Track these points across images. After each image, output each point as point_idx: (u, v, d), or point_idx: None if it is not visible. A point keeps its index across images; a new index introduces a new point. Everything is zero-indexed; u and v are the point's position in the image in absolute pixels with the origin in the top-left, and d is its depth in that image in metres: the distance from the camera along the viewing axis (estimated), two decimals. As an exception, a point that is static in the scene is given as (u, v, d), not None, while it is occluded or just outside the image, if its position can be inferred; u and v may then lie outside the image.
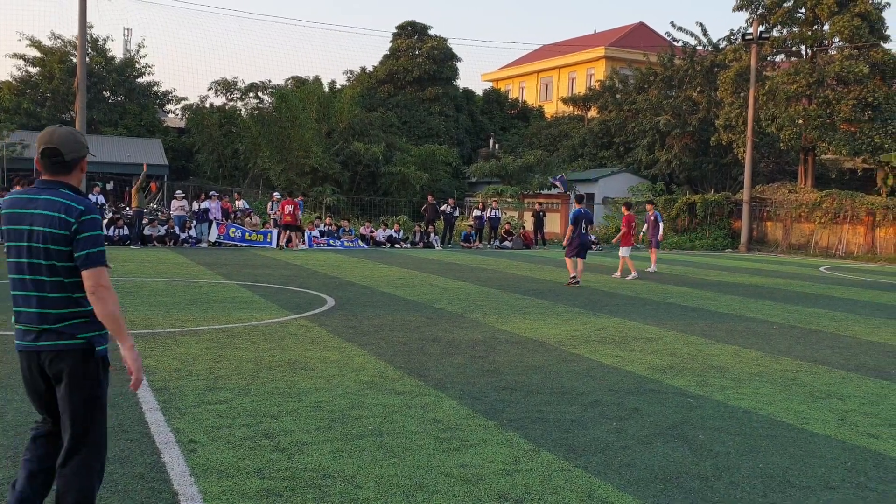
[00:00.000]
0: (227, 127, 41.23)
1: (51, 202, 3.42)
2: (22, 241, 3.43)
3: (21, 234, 3.43)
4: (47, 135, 3.50)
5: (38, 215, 3.41)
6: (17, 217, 3.45)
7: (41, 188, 3.49)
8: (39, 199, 3.45)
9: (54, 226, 3.39)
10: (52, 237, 3.39)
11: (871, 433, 5.87)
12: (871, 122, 33.73)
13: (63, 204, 3.42)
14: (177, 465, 4.67)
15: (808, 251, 32.75)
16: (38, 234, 3.39)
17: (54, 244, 3.39)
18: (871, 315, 12.94)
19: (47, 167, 3.50)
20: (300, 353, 8.12)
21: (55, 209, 3.41)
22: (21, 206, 3.46)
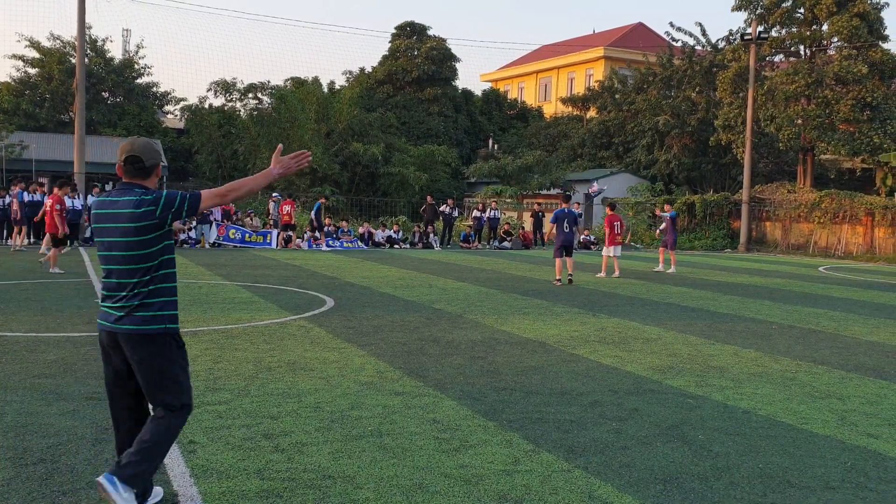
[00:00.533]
0: (227, 128, 41.20)
1: (128, 202, 3.89)
2: (107, 237, 3.95)
3: (105, 230, 3.95)
4: (129, 144, 4.00)
5: (118, 214, 3.90)
6: (101, 216, 3.96)
7: (123, 190, 3.96)
8: (121, 200, 3.92)
9: (135, 219, 3.88)
10: (135, 230, 3.88)
11: (870, 433, 5.88)
12: (870, 122, 33.77)
13: (137, 202, 3.89)
14: (176, 465, 4.67)
15: (807, 251, 32.77)
16: (120, 231, 3.90)
17: (137, 234, 3.89)
18: (871, 315, 12.95)
19: (129, 172, 3.98)
20: (300, 353, 8.12)
21: (135, 207, 3.88)
22: (107, 206, 3.96)
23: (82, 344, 8.27)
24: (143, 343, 3.89)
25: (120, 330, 3.91)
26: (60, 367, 7.15)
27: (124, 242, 3.88)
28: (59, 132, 40.42)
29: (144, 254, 3.89)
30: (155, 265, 3.93)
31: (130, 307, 3.89)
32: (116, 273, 3.93)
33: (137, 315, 3.89)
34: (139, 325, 3.88)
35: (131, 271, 3.90)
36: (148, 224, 3.86)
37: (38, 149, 35.29)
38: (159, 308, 3.93)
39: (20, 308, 10.67)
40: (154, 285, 3.92)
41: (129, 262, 3.89)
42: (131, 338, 3.89)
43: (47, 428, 5.32)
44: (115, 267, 3.93)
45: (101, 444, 5.03)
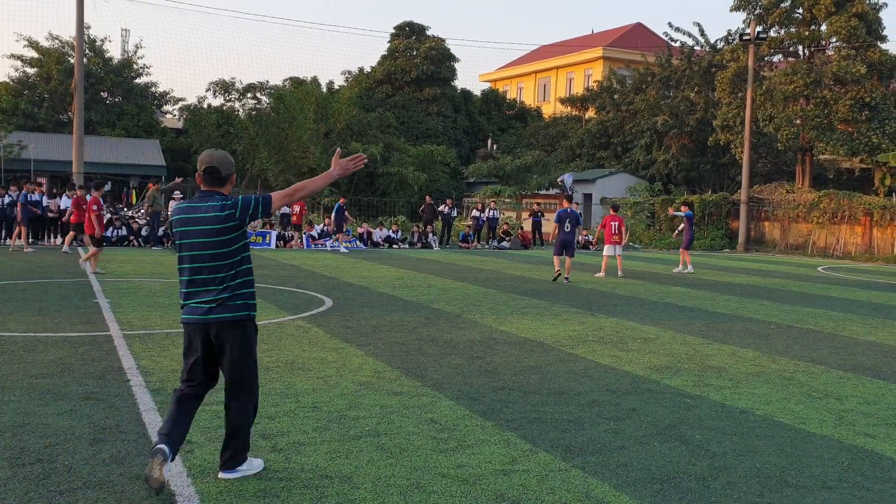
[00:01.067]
0: (225, 127, 41.22)
1: (209, 207, 4.41)
2: (192, 238, 4.41)
3: (190, 233, 4.41)
4: (207, 156, 4.52)
5: (202, 218, 4.39)
6: (185, 221, 4.43)
7: (203, 197, 4.48)
8: (204, 205, 4.42)
9: (218, 221, 4.39)
10: (219, 231, 4.39)
11: (868, 433, 5.88)
12: (869, 123, 33.79)
13: (221, 206, 4.41)
14: (174, 465, 4.66)
15: (805, 251, 32.78)
16: (206, 233, 4.39)
17: (220, 234, 4.39)
18: (869, 315, 12.96)
19: (207, 181, 4.50)
20: (298, 353, 8.12)
21: (220, 210, 4.39)
22: (191, 212, 4.43)
23: (80, 344, 8.27)
24: (234, 328, 4.44)
25: (212, 320, 4.41)
26: (58, 367, 7.15)
27: (212, 242, 4.39)
28: (58, 132, 40.42)
29: (229, 251, 4.42)
30: (238, 261, 4.47)
31: (222, 299, 4.41)
32: (206, 270, 4.42)
33: (228, 305, 4.42)
34: (230, 313, 4.42)
35: (219, 267, 4.41)
36: (231, 225, 4.39)
37: (37, 149, 35.30)
38: (245, 298, 4.49)
39: (18, 308, 10.66)
40: (239, 278, 4.48)
41: (217, 260, 4.41)
42: (224, 325, 4.42)
43: (45, 428, 5.32)
44: (203, 265, 4.42)
45: (98, 444, 5.02)
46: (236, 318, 4.44)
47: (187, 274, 4.47)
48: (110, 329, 9.26)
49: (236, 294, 4.45)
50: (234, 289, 4.45)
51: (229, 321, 4.43)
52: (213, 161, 4.49)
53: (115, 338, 8.71)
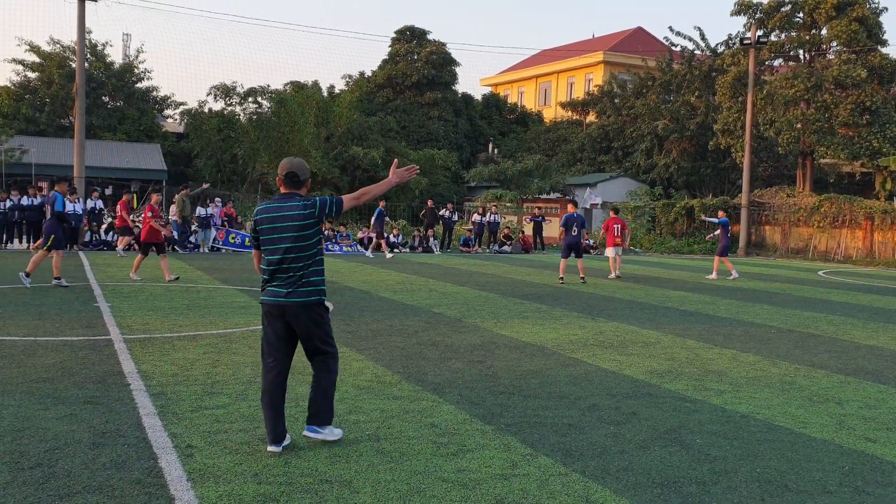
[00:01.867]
0: (226, 132, 41.20)
1: (292, 206, 5.14)
2: (278, 234, 5.12)
3: (276, 229, 5.12)
4: (287, 163, 5.25)
5: (287, 216, 5.12)
6: (271, 219, 5.15)
7: (285, 198, 5.20)
8: (287, 205, 5.15)
9: (300, 219, 5.12)
10: (301, 227, 5.11)
11: (868, 437, 5.87)
12: (870, 127, 33.78)
13: (302, 206, 5.14)
14: (174, 470, 4.67)
15: (806, 255, 32.76)
16: (290, 228, 5.11)
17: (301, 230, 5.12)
18: (870, 319, 12.95)
19: (288, 184, 5.23)
20: (298, 358, 8.05)
21: (302, 209, 5.12)
22: (275, 211, 5.16)
23: (80, 348, 8.27)
24: (307, 309, 5.14)
25: (288, 302, 5.11)
26: (58, 371, 7.15)
27: (293, 237, 5.09)
28: (59, 136, 40.45)
29: (307, 244, 5.13)
30: (314, 252, 5.17)
31: (297, 284, 5.11)
32: (288, 261, 5.11)
33: (301, 290, 5.11)
34: (303, 297, 5.12)
35: (298, 258, 5.12)
36: (311, 222, 5.12)
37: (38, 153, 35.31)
38: (316, 284, 5.17)
39: (18, 312, 10.67)
40: (313, 267, 5.17)
41: (296, 252, 5.11)
42: (298, 307, 5.11)
43: (44, 432, 5.32)
44: (284, 256, 5.11)
45: (98, 448, 5.02)
46: (308, 302, 5.13)
47: (270, 263, 5.16)
48: (110, 333, 9.26)
49: (308, 281, 5.13)
50: (308, 276, 5.14)
51: (302, 304, 5.12)
52: (292, 167, 5.22)
53: (116, 342, 8.71)
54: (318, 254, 5.21)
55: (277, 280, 5.15)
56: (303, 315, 5.14)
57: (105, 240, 24.67)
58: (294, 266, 5.12)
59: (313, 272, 5.17)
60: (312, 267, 5.17)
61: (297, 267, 5.13)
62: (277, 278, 5.16)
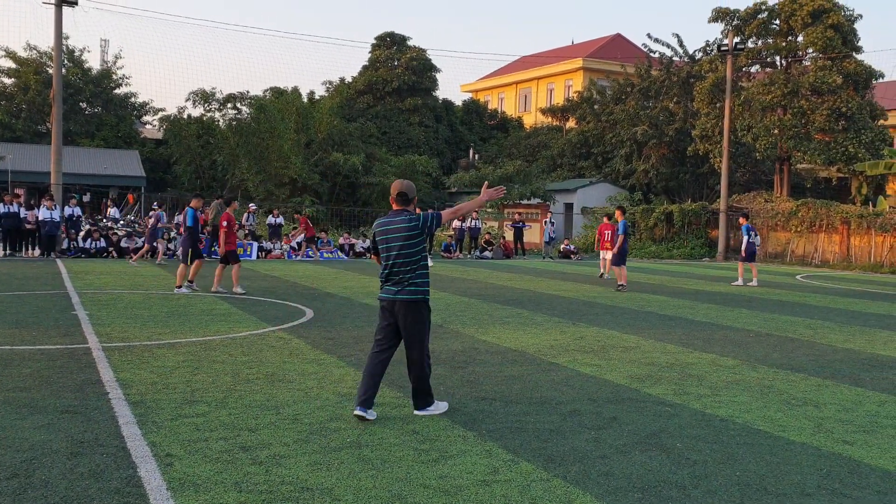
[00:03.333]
0: (205, 138, 41.01)
1: (401, 220, 6.13)
2: (390, 244, 6.14)
3: (388, 240, 6.14)
4: (399, 184, 6.27)
5: (397, 228, 6.12)
6: (385, 231, 6.17)
7: (396, 213, 6.20)
8: (397, 219, 6.16)
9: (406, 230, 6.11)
10: (407, 238, 6.10)
11: (846, 440, 5.93)
12: (845, 132, 34.20)
13: (408, 219, 6.13)
14: (153, 479, 4.63)
15: (784, 259, 33.07)
16: (398, 238, 6.11)
17: (407, 240, 6.11)
18: (847, 323, 13.09)
19: (399, 202, 6.23)
20: (278, 365, 8.08)
21: (408, 223, 6.11)
22: (388, 225, 6.17)
23: (58, 357, 8.18)
24: (411, 306, 6.10)
25: (398, 299, 6.11)
26: (35, 380, 7.07)
27: (401, 246, 6.09)
28: (36, 143, 40.07)
29: (413, 251, 6.11)
30: (418, 258, 6.14)
31: (404, 284, 6.09)
32: (397, 265, 6.11)
33: (408, 289, 6.10)
34: (409, 295, 6.10)
35: (405, 263, 6.10)
36: (415, 234, 6.10)
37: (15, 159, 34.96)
38: (420, 285, 6.14)
39: (-5, 321, 10.53)
40: (418, 271, 6.14)
41: (404, 258, 6.10)
42: (404, 303, 6.09)
43: (21, 442, 5.25)
44: (395, 262, 6.11)
45: (76, 457, 4.97)
46: (412, 300, 6.10)
47: (385, 268, 6.20)
48: (89, 341, 9.18)
49: (413, 282, 6.10)
50: (413, 278, 6.10)
51: (407, 301, 6.09)
52: (403, 188, 6.24)
53: (94, 350, 8.63)
54: (422, 260, 6.17)
55: (390, 281, 6.16)
56: (406, 311, 6.09)
57: (83, 247, 24.44)
58: (402, 270, 6.10)
59: (418, 276, 6.13)
60: (417, 271, 6.13)
61: (405, 271, 6.10)
62: (390, 280, 6.16)
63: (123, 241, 25.06)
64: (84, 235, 24.97)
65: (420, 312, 6.14)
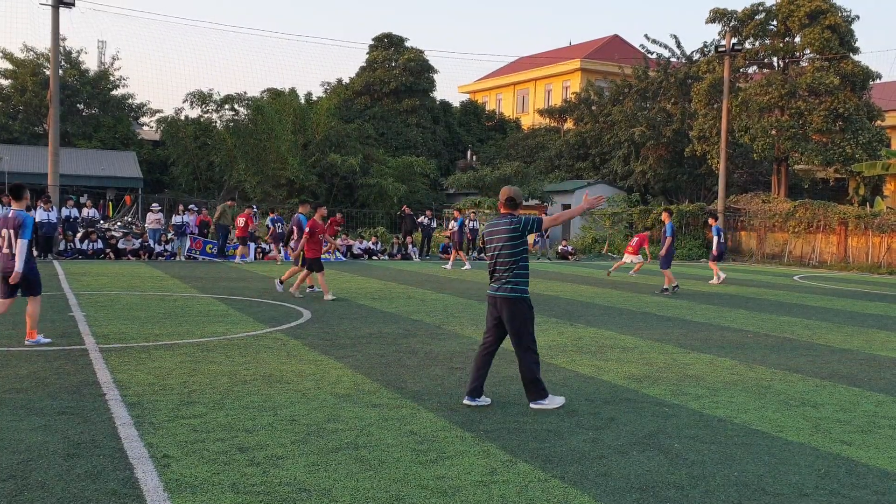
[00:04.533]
0: (203, 139, 40.98)
1: (505, 223, 6.64)
2: (494, 244, 6.68)
3: (493, 240, 6.69)
4: (508, 190, 6.79)
5: (502, 230, 6.63)
6: (492, 232, 6.72)
7: (502, 216, 6.73)
8: (502, 221, 6.68)
9: (508, 232, 6.62)
10: (508, 238, 6.60)
11: (843, 440, 5.93)
12: (843, 133, 34.24)
13: (510, 221, 6.62)
14: (150, 480, 4.62)
15: (781, 260, 33.09)
16: (501, 239, 6.63)
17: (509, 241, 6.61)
18: (844, 323, 13.09)
19: (507, 206, 6.73)
20: (276, 366, 8.07)
21: (509, 224, 6.60)
22: (496, 226, 6.69)
23: (55, 358, 8.16)
24: (510, 302, 6.56)
25: (498, 295, 6.61)
26: (32, 381, 7.05)
27: (503, 245, 6.61)
28: (33, 144, 40.03)
29: (514, 252, 6.59)
30: (519, 259, 6.61)
31: (504, 281, 6.58)
32: (499, 264, 6.62)
33: (506, 286, 6.57)
34: (508, 292, 6.57)
35: (506, 262, 6.60)
36: (517, 235, 6.59)
37: (12, 161, 34.92)
38: (518, 283, 6.59)
39: (-8, 322, 10.50)
40: (517, 270, 6.59)
41: (507, 257, 6.59)
42: (505, 300, 6.57)
43: (17, 444, 5.24)
44: (497, 260, 6.63)
45: (73, 458, 4.96)
46: (511, 297, 6.55)
47: (490, 266, 6.75)
48: (86, 343, 9.16)
49: (512, 280, 6.55)
50: (513, 277, 6.57)
51: (507, 297, 6.55)
52: (511, 193, 6.75)
53: (91, 351, 8.62)
54: (522, 260, 6.61)
55: (492, 278, 6.69)
56: (506, 307, 6.53)
57: (80, 248, 24.40)
58: (502, 268, 6.59)
59: (517, 274, 6.57)
60: (516, 270, 6.57)
61: (505, 269, 6.58)
62: (492, 277, 6.70)
63: (121, 242, 25.03)
64: (81, 237, 24.92)
65: (519, 308, 6.54)
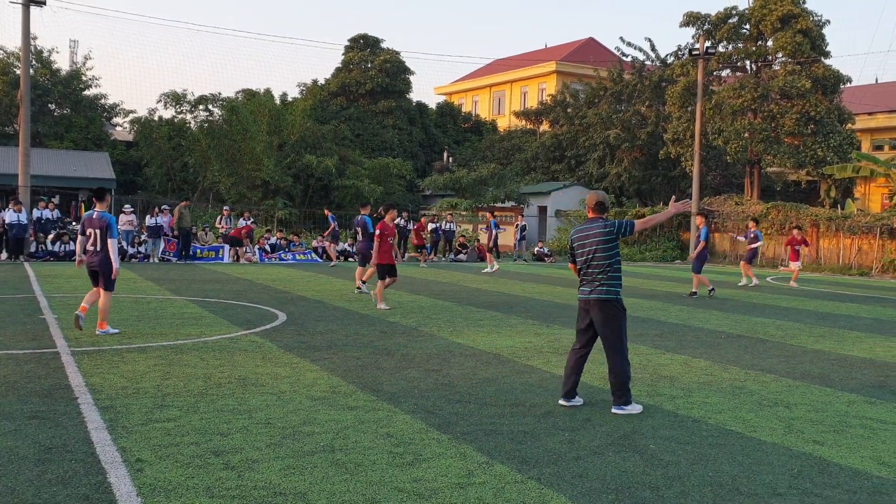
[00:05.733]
0: (177, 140, 40.60)
1: (597, 226, 6.68)
2: (586, 248, 6.70)
3: (585, 245, 6.71)
4: (596, 195, 6.86)
5: (594, 233, 6.66)
6: (582, 236, 6.74)
7: (591, 220, 6.78)
8: (593, 226, 6.71)
9: (602, 235, 6.65)
10: (602, 241, 6.63)
11: (816, 440, 6.00)
12: (814, 136, 34.70)
13: (603, 225, 6.67)
14: (123, 485, 4.56)
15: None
16: (594, 243, 6.66)
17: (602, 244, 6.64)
18: (816, 324, 13.25)
19: (596, 210, 6.79)
20: (251, 369, 8.01)
21: (603, 228, 6.64)
22: (585, 230, 6.74)
23: (26, 361, 8.04)
24: (603, 304, 6.57)
25: (591, 298, 6.63)
26: (2, 385, 6.94)
27: (596, 249, 6.63)
28: (3, 145, 39.43)
29: (607, 254, 6.61)
30: (612, 262, 6.63)
31: (597, 284, 6.61)
32: (592, 267, 6.63)
33: (600, 289, 6.59)
34: (601, 294, 6.59)
35: (599, 265, 6.61)
36: (609, 238, 6.61)
37: (-19, 161, 34.37)
38: (612, 285, 6.61)
39: (-40, 325, 10.33)
40: (610, 272, 6.61)
41: (602, 260, 6.61)
42: (597, 302, 6.59)
43: (-13, 449, 5.15)
44: (591, 263, 6.64)
45: (44, 464, 4.88)
46: (605, 299, 6.55)
47: (581, 270, 6.75)
48: (57, 345, 9.04)
49: (607, 283, 6.57)
50: (606, 279, 6.58)
51: (600, 300, 6.56)
52: (599, 198, 6.84)
53: (63, 354, 8.50)
54: (615, 263, 6.63)
55: (584, 282, 6.70)
56: (598, 309, 6.55)
57: (52, 250, 24.08)
58: (595, 271, 6.60)
59: (610, 277, 6.59)
60: (610, 273, 6.59)
61: (598, 272, 6.59)
62: (584, 280, 6.70)
63: (93, 244, 24.71)
64: (53, 238, 24.60)
65: (613, 310, 6.57)
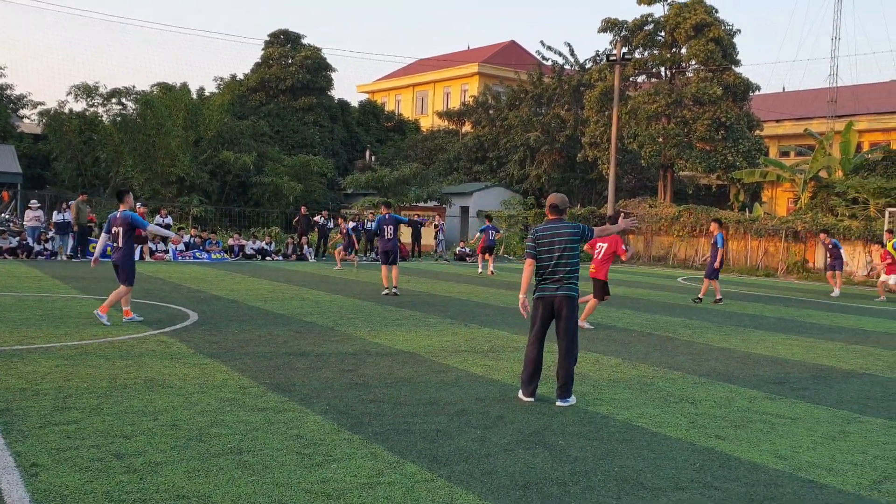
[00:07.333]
0: (88, 134, 39.18)
1: (564, 227, 7.05)
2: (555, 247, 7.00)
3: (553, 244, 7.00)
4: (554, 197, 7.20)
5: (562, 234, 7.01)
6: (550, 235, 7.03)
7: (554, 221, 7.12)
8: (560, 226, 7.06)
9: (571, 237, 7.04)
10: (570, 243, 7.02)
11: (718, 435, 6.19)
12: (724, 141, 35.92)
13: (573, 228, 7.07)
14: (15, 491, 4.36)
15: (667, 263, 34.39)
16: (563, 243, 7.00)
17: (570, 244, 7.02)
18: (723, 323, 13.71)
19: (554, 213, 7.15)
20: (158, 370, 7.79)
21: (573, 230, 7.05)
22: (551, 230, 7.04)
23: (-85, 363, 7.62)
24: (570, 300, 6.95)
25: (559, 294, 6.96)
26: None
27: (564, 248, 6.97)
28: None
29: (573, 254, 7.01)
30: (576, 262, 7.04)
31: (566, 282, 6.97)
32: (560, 266, 6.95)
33: (566, 286, 6.96)
34: (568, 291, 6.96)
35: (567, 264, 6.98)
36: (576, 240, 7.01)
37: None
38: (575, 283, 7.02)
39: None
40: (575, 271, 7.03)
41: (567, 260, 6.98)
42: (565, 298, 6.94)
43: None
44: (559, 262, 6.96)
45: (-71, 471, 4.63)
46: (571, 295, 6.97)
47: (545, 268, 7.01)
48: (-49, 347, 8.59)
49: (572, 281, 6.99)
50: (572, 278, 7.00)
51: (569, 296, 6.96)
52: (556, 200, 7.17)
53: (-44, 356, 8.09)
54: (577, 263, 7.04)
55: (549, 280, 6.98)
56: (567, 305, 6.93)
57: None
58: (562, 270, 6.95)
59: (574, 276, 7.03)
60: (574, 272, 7.01)
61: (566, 271, 6.96)
62: (549, 279, 6.99)
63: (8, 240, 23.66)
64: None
65: (575, 305, 6.98)
